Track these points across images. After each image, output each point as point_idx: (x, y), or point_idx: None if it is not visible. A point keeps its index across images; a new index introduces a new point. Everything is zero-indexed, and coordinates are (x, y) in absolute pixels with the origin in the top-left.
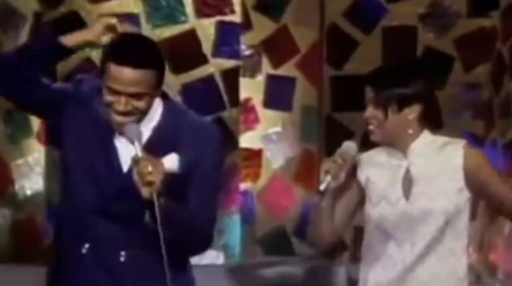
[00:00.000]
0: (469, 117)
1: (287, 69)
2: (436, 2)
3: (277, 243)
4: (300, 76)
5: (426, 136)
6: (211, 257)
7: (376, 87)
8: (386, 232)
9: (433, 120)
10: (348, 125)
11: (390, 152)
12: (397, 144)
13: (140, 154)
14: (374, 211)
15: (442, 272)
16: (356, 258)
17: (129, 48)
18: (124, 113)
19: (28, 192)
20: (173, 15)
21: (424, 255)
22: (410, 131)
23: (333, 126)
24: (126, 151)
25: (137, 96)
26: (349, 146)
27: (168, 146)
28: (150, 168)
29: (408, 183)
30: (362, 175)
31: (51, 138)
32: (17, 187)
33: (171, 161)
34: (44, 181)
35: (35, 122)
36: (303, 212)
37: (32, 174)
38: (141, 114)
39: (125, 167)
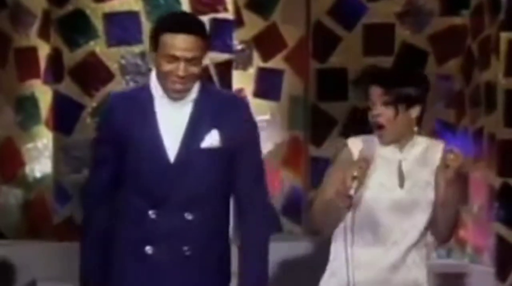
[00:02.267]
0: (442, 107)
1: (276, 63)
2: (412, 2)
3: None
4: (287, 69)
5: (418, 137)
6: None
7: (386, 86)
8: (376, 216)
9: (422, 119)
10: (332, 114)
11: (382, 145)
12: (400, 140)
13: None
14: (369, 194)
15: (417, 259)
16: None
17: (180, 18)
18: (183, 79)
19: (38, 174)
20: None
21: (415, 244)
22: (415, 129)
23: (318, 115)
24: (170, 142)
25: (193, 61)
26: (368, 147)
27: (208, 119)
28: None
29: (401, 174)
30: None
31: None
32: (27, 169)
33: (213, 137)
34: (52, 164)
35: (44, 111)
36: (289, 193)
37: (41, 158)
38: (195, 80)
39: (171, 158)
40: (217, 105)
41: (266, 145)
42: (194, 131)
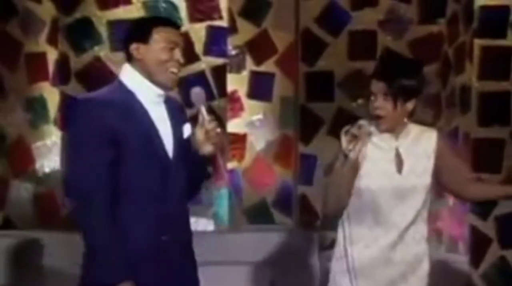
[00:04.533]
0: (420, 108)
1: (267, 66)
2: (393, 11)
3: (259, 213)
4: (278, 72)
5: (410, 124)
6: (203, 224)
7: (388, 81)
8: (378, 202)
9: (415, 111)
10: (320, 114)
11: (378, 135)
12: (394, 130)
13: (206, 117)
14: (373, 182)
15: (416, 236)
16: (327, 226)
17: (164, 17)
18: (180, 65)
19: (47, 170)
20: None
21: (413, 222)
22: (405, 120)
23: (307, 114)
24: (165, 138)
25: (181, 51)
26: (363, 124)
27: (177, 113)
28: (218, 129)
29: (399, 161)
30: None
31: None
32: (37, 165)
33: (189, 129)
34: (60, 160)
35: (53, 111)
36: (281, 187)
37: (50, 155)
38: None
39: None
40: (173, 100)
41: (259, 143)
42: (177, 124)
